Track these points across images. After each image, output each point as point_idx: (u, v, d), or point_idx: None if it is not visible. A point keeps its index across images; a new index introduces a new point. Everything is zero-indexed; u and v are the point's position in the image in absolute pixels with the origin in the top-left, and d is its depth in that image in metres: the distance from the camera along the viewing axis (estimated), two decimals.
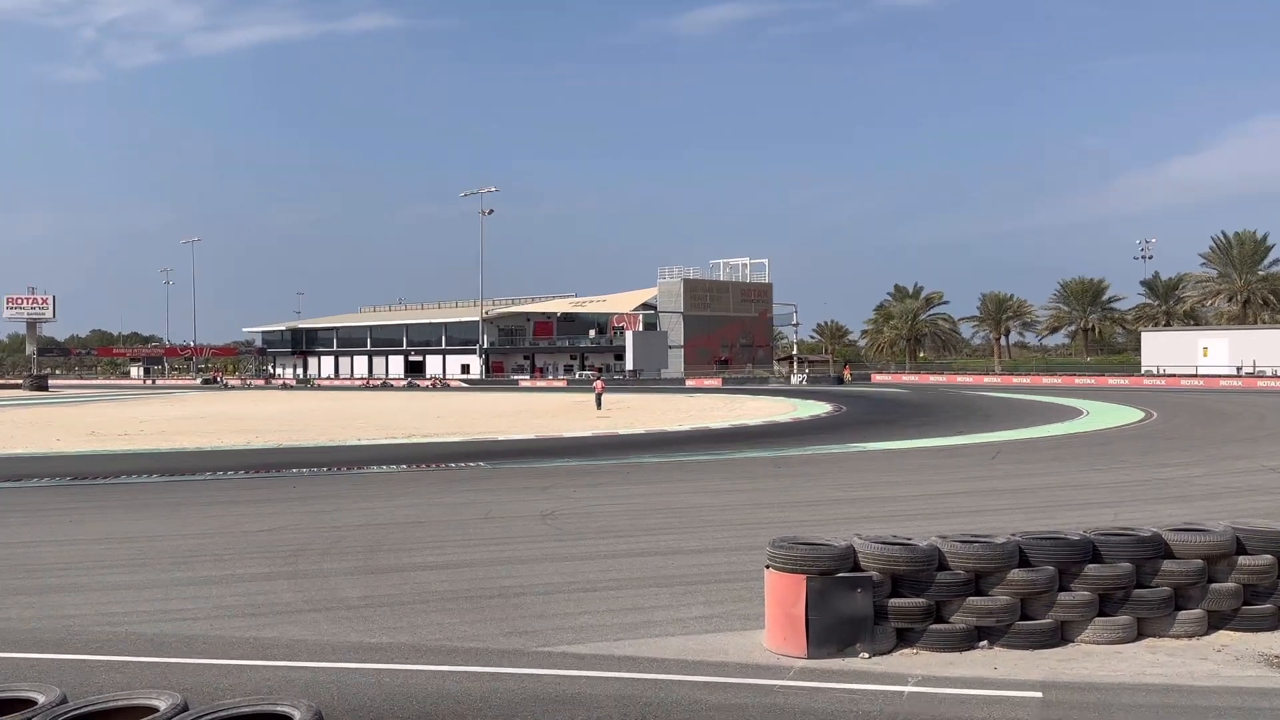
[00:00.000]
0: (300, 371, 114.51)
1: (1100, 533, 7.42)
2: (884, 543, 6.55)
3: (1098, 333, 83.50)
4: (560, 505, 13.20)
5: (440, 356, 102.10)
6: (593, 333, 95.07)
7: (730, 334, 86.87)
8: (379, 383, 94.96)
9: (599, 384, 41.45)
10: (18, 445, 25.63)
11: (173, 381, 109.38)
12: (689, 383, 72.62)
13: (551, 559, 9.54)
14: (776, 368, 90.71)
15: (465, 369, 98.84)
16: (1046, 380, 62.65)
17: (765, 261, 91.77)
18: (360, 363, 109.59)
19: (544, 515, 12.28)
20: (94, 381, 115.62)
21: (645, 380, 76.63)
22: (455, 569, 9.16)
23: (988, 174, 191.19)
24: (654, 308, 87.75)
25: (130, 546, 10.64)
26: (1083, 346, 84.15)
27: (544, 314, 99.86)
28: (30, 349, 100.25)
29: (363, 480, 17.38)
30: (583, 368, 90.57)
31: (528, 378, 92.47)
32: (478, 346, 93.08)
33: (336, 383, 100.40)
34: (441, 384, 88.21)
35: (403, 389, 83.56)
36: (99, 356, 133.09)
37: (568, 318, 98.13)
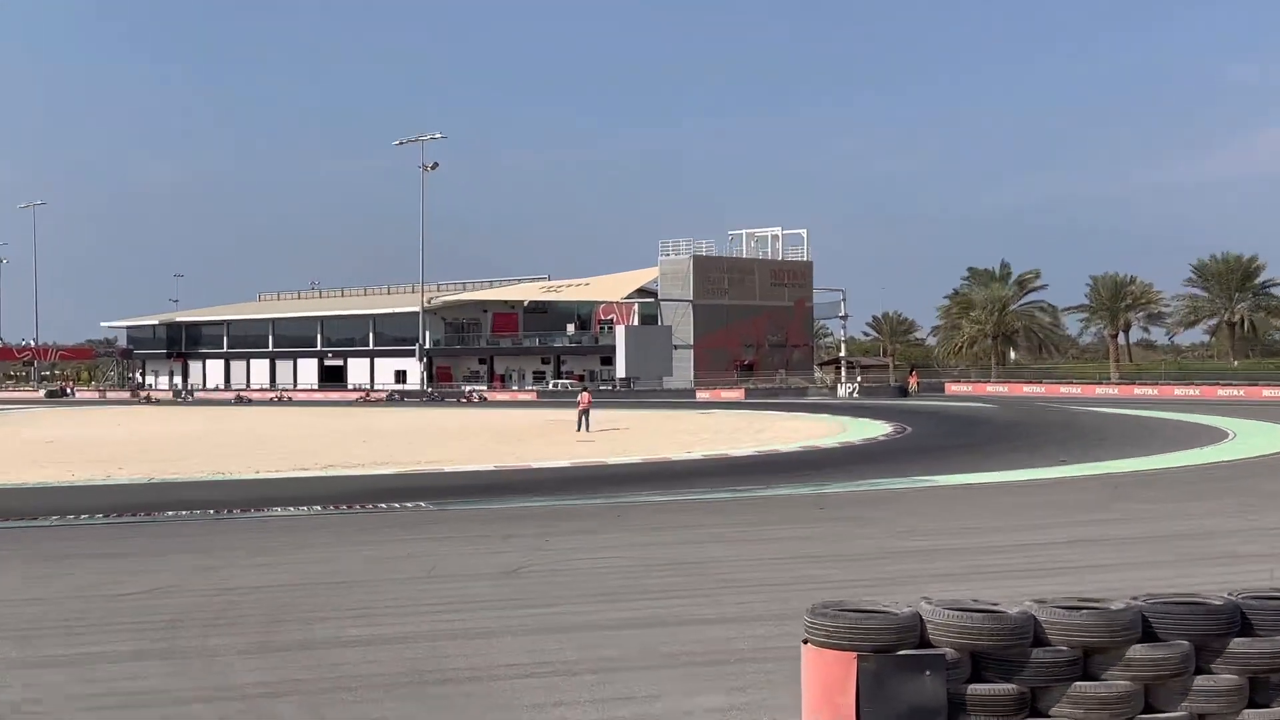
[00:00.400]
0: (179, 380, 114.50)
1: (1253, 595, 7.42)
2: (961, 609, 6.55)
3: (1248, 327, 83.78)
4: (529, 559, 13.20)
5: (367, 360, 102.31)
6: (571, 328, 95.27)
7: (756, 330, 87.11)
8: (279, 397, 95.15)
9: (585, 397, 41.40)
10: None
11: (5, 395, 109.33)
12: (701, 394, 72.77)
13: (517, 631, 9.51)
14: (818, 375, 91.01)
15: (401, 377, 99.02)
16: (1180, 391, 62.85)
17: (803, 233, 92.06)
18: (260, 368, 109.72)
19: (507, 572, 12.28)
20: None
21: (642, 391, 76.84)
22: (387, 645, 9.12)
23: (1095, 118, 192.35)
24: (654, 295, 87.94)
25: None
26: (1228, 346, 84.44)
27: (506, 303, 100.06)
28: None
29: (263, 526, 17.35)
30: (558, 375, 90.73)
31: (485, 388, 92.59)
32: (417, 347, 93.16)
33: (226, 395, 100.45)
34: (374, 397, 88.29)
35: (331, 404, 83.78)
36: None
37: (538, 308, 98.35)
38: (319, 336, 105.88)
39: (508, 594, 11.21)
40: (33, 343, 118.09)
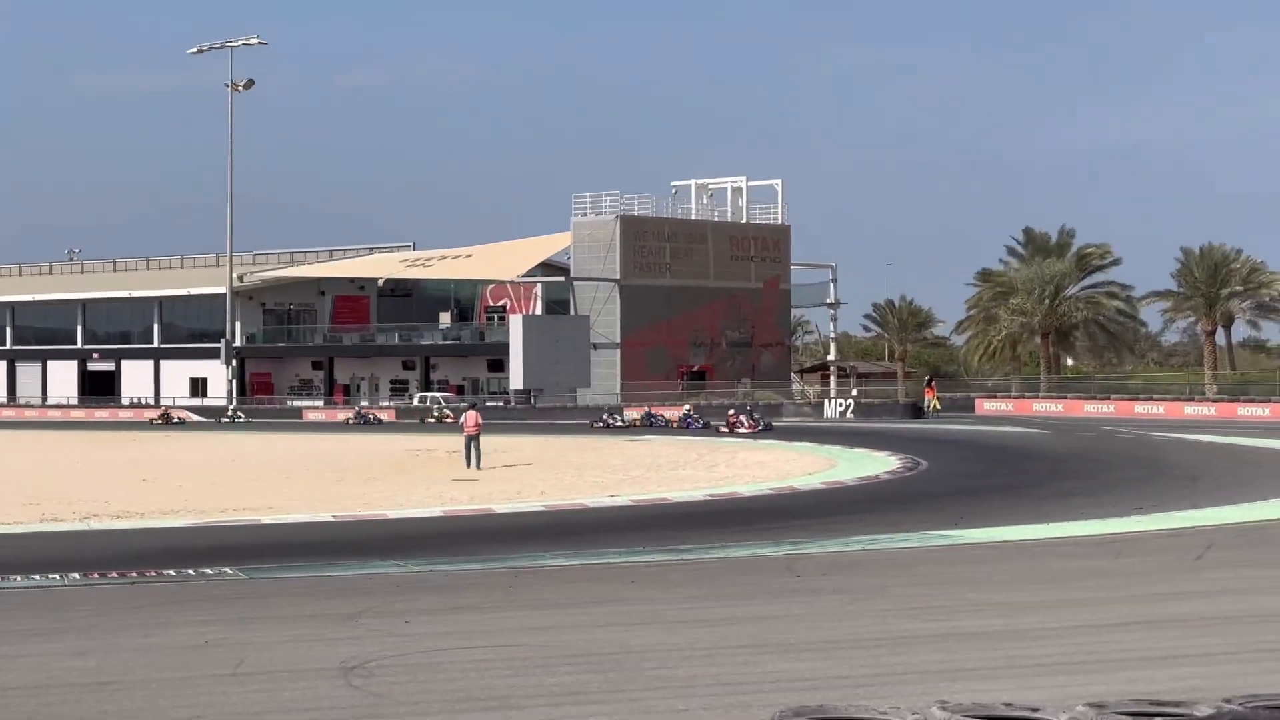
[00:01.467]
0: None
1: None
2: (989, 718, 6.67)
3: None
4: (378, 649, 13.14)
5: (150, 363, 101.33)
6: (446, 318, 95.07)
7: (710, 322, 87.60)
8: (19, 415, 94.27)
9: (471, 418, 40.85)
10: None
11: None
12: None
13: None
14: (798, 386, 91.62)
15: (199, 386, 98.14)
16: None
17: (776, 185, 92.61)
18: None
19: (348, 669, 12.21)
20: None
21: (547, 409, 76.87)
22: None
23: (1193, 26, 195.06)
24: (564, 271, 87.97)
25: None
26: None
27: (353, 281, 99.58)
28: None
29: None
30: (428, 385, 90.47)
31: (320, 404, 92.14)
32: (224, 345, 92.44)
33: None
34: (178, 415, 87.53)
35: (102, 427, 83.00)
36: None
37: (399, 289, 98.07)
38: (79, 329, 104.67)
39: (346, 699, 11.11)
40: None
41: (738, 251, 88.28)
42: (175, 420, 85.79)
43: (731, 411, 61.80)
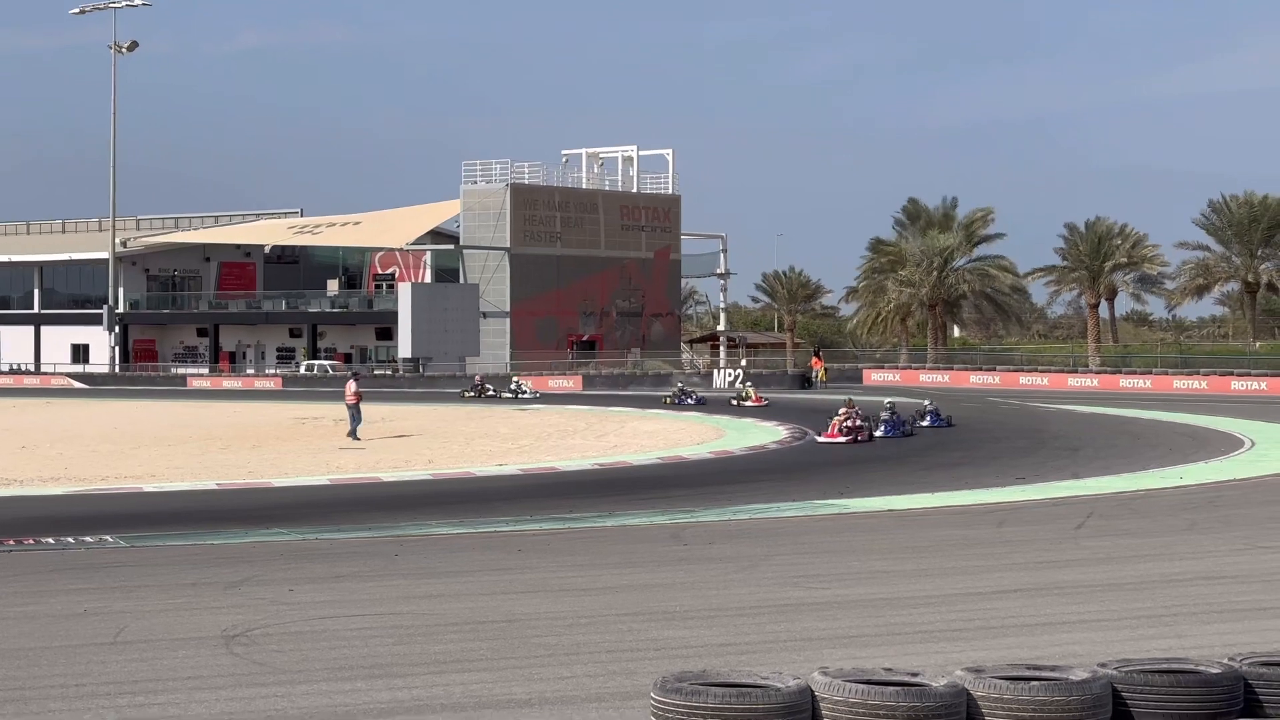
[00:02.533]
0: None
1: (1262, 661, 7.77)
2: (868, 682, 6.74)
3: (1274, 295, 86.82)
4: (260, 618, 13.09)
5: (30, 328, 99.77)
6: (334, 285, 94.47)
7: (601, 291, 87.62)
8: None
9: (353, 388, 40.61)
10: None
11: None
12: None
13: (237, 719, 9.46)
14: (688, 356, 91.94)
15: (81, 353, 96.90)
16: (1181, 383, 65.08)
17: (667, 154, 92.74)
18: None
19: (229, 636, 12.17)
20: None
21: (436, 377, 76.58)
22: None
23: (1068, 12, 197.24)
24: (454, 240, 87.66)
25: None
26: (1248, 321, 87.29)
27: (239, 248, 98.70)
28: None
29: None
30: (315, 353, 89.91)
31: (205, 371, 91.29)
32: (106, 310, 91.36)
33: None
34: (57, 383, 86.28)
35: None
36: None
37: (286, 255, 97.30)
38: None
39: (228, 667, 11.09)
40: None
41: (628, 221, 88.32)
42: (63, 386, 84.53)
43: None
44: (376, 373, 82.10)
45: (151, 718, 9.55)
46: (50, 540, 19.02)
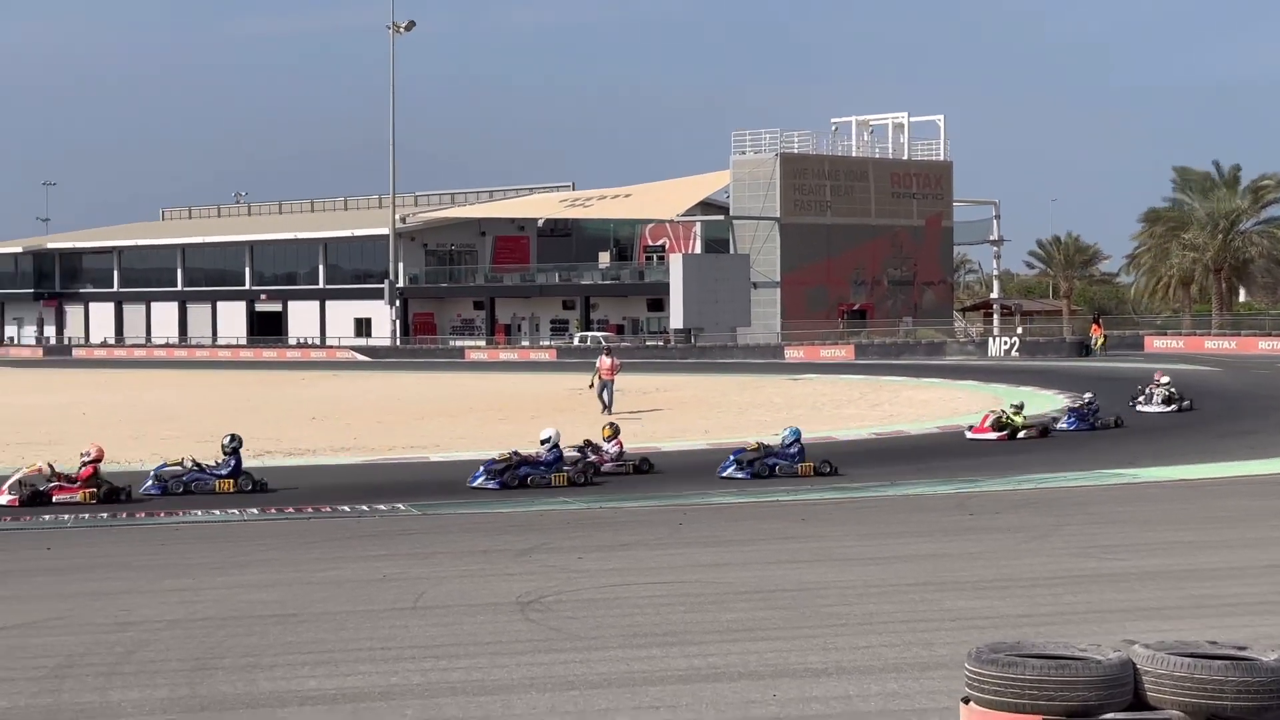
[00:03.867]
0: (51, 331, 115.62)
1: None
2: (1194, 655, 6.52)
3: None
4: (552, 584, 13.28)
5: (315, 304, 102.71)
6: (606, 258, 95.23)
7: (871, 260, 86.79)
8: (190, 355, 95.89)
9: (606, 362, 39.37)
10: None
11: None
12: (791, 353, 72.71)
13: (541, 685, 9.56)
14: (961, 325, 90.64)
15: (363, 327, 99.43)
16: None
17: (938, 120, 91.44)
18: (165, 315, 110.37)
19: (524, 603, 12.36)
20: None
21: (707, 348, 76.80)
22: (358, 703, 9.18)
23: None
24: (724, 210, 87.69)
25: None
26: None
27: (513, 222, 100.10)
28: None
29: (176, 536, 17.49)
30: (587, 325, 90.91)
31: (482, 343, 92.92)
32: (387, 285, 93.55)
33: (118, 354, 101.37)
34: (340, 355, 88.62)
35: (273, 367, 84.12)
36: None
37: (558, 229, 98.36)
38: (248, 270, 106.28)
39: (525, 633, 11.28)
40: None
41: (899, 188, 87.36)
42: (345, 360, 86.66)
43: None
44: (649, 344, 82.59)
45: (455, 681, 9.75)
46: (346, 508, 19.57)
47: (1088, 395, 33.19)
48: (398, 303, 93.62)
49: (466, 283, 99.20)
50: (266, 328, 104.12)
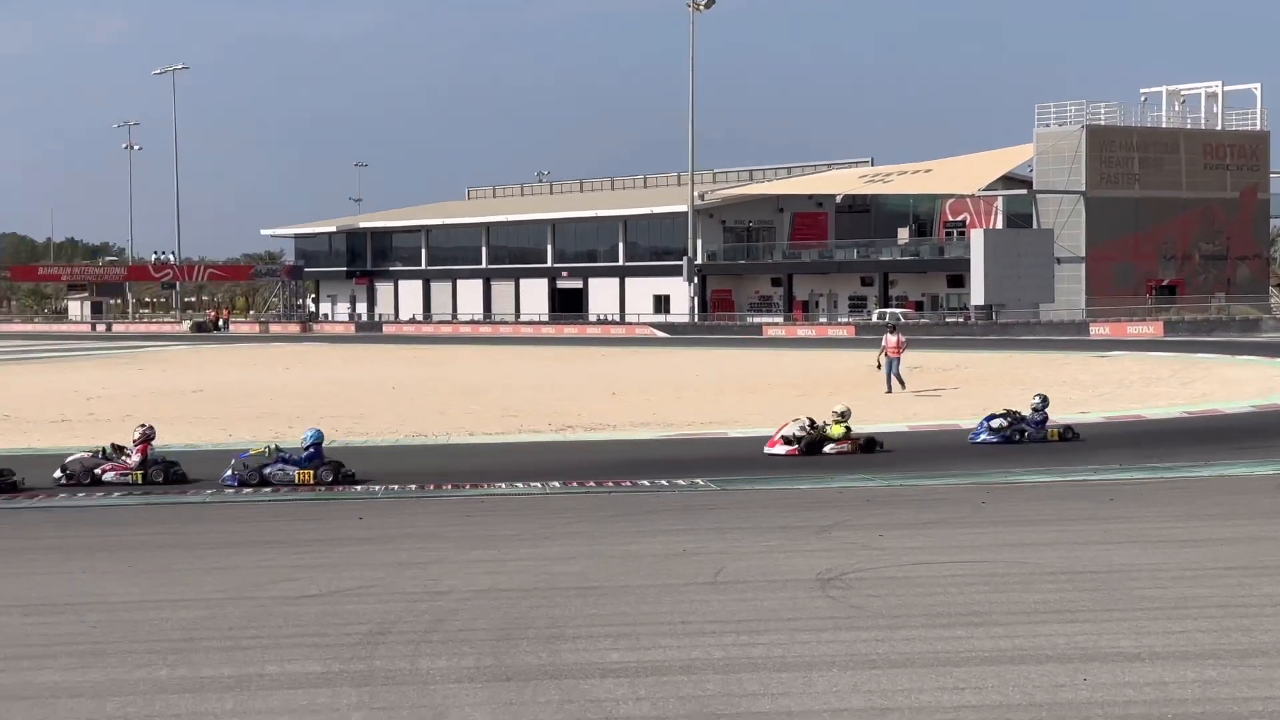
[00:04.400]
0: (363, 308, 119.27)
1: None
2: None
3: None
4: (853, 562, 13.19)
5: (615, 281, 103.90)
6: (904, 234, 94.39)
7: (1181, 234, 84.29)
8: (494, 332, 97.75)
9: (892, 340, 38.03)
10: None
11: (141, 328, 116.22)
12: (1096, 329, 71.00)
13: (842, 663, 9.49)
14: (1277, 301, 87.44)
15: (662, 303, 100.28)
16: None
17: (1255, 89, 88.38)
18: (470, 292, 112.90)
19: (823, 579, 12.31)
20: (2, 326, 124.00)
21: (1008, 324, 75.53)
22: (661, 677, 9.24)
23: None
24: (1026, 184, 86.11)
25: (72, 619, 11.30)
26: None
27: (811, 198, 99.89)
28: None
29: (482, 508, 17.84)
30: (885, 301, 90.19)
31: (779, 320, 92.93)
32: (685, 262, 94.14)
33: (425, 330, 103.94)
34: (640, 332, 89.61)
35: (573, 343, 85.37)
36: (13, 281, 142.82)
37: (856, 205, 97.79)
38: (549, 248, 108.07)
39: (825, 610, 11.23)
40: (173, 258, 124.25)
41: (1211, 160, 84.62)
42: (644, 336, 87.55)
43: None
44: (948, 320, 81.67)
45: (755, 657, 9.72)
46: (645, 483, 19.70)
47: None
48: (696, 279, 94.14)
49: (764, 259, 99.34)
50: (567, 304, 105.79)
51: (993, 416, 24.63)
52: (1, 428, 29.58)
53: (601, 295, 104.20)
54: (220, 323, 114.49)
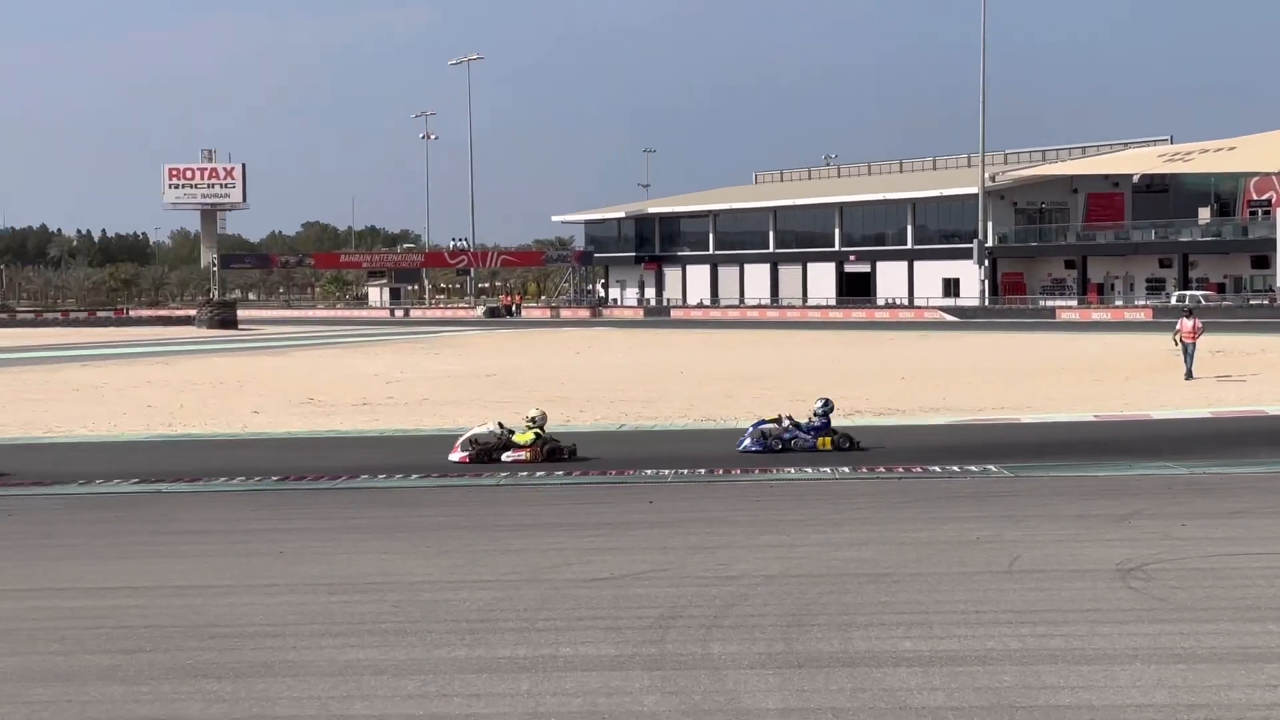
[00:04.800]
0: (651, 292, 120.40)
1: None
2: None
3: None
4: (1154, 552, 12.86)
5: (903, 264, 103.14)
6: (1205, 214, 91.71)
7: None
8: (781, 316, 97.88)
9: (1187, 324, 36.67)
10: (191, 420, 28.96)
11: (436, 314, 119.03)
12: None
13: (1146, 656, 9.30)
14: None
15: (951, 287, 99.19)
16: None
17: None
18: (757, 276, 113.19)
19: (1124, 570, 12.04)
20: (307, 312, 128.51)
21: None
22: (955, 667, 9.14)
23: None
24: None
25: (374, 598, 11.64)
26: None
27: (1106, 178, 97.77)
28: (207, 258, 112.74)
29: (771, 493, 17.84)
30: (1184, 285, 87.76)
31: (1073, 303, 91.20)
32: (975, 245, 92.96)
33: (712, 314, 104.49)
34: (928, 315, 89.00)
35: (857, 327, 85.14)
36: (317, 269, 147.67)
37: (1154, 185, 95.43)
38: (837, 232, 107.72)
39: (1127, 602, 10.99)
40: (467, 244, 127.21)
41: None
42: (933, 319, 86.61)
43: None
44: (1252, 302, 79.20)
45: (1054, 649, 9.57)
46: (936, 468, 19.45)
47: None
48: (986, 262, 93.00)
49: (1057, 241, 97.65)
50: (855, 288, 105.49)
51: None
52: (308, 411, 30.54)
53: (889, 278, 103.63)
54: (513, 308, 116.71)
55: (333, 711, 8.51)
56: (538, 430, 21.11)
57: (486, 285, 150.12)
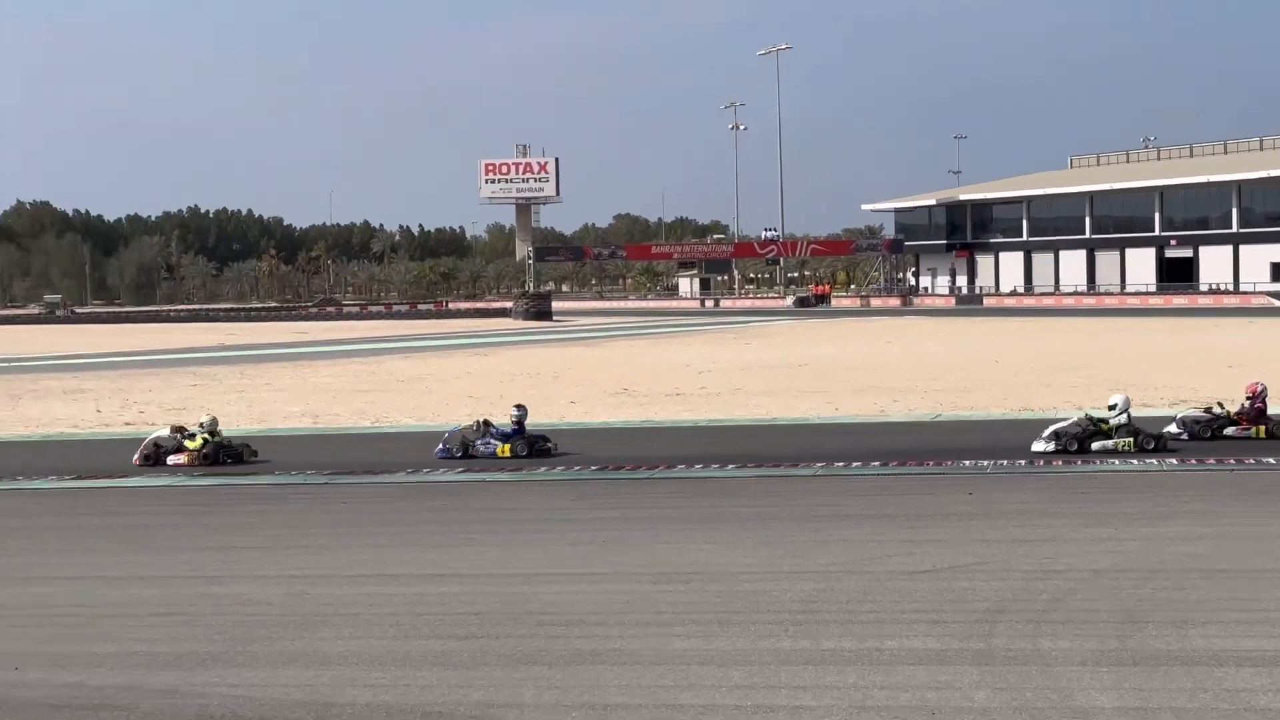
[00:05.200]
0: (962, 281, 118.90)
1: None
2: None
3: None
4: None
5: (1228, 249, 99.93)
6: None
7: None
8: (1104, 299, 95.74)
9: None
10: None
11: (746, 304, 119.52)
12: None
13: None
14: None
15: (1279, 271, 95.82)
16: None
17: None
18: (1072, 261, 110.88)
19: None
20: (619, 303, 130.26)
21: None
22: None
23: None
24: None
25: (696, 588, 11.76)
26: None
27: None
28: (522, 251, 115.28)
29: (1093, 486, 17.42)
30: None
31: None
32: None
33: (1027, 302, 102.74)
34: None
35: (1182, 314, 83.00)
36: (628, 260, 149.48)
37: None
38: (1156, 217, 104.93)
39: None
40: (777, 234, 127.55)
41: None
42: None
43: None
44: None
45: None
46: (1270, 460, 18.74)
47: None
48: None
49: None
50: (1176, 274, 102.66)
51: None
52: (623, 401, 30.94)
53: (1213, 264, 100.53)
54: (824, 298, 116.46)
55: (661, 701, 8.61)
56: (206, 435, 21.33)
57: (796, 275, 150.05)
